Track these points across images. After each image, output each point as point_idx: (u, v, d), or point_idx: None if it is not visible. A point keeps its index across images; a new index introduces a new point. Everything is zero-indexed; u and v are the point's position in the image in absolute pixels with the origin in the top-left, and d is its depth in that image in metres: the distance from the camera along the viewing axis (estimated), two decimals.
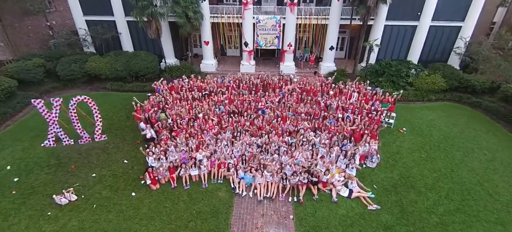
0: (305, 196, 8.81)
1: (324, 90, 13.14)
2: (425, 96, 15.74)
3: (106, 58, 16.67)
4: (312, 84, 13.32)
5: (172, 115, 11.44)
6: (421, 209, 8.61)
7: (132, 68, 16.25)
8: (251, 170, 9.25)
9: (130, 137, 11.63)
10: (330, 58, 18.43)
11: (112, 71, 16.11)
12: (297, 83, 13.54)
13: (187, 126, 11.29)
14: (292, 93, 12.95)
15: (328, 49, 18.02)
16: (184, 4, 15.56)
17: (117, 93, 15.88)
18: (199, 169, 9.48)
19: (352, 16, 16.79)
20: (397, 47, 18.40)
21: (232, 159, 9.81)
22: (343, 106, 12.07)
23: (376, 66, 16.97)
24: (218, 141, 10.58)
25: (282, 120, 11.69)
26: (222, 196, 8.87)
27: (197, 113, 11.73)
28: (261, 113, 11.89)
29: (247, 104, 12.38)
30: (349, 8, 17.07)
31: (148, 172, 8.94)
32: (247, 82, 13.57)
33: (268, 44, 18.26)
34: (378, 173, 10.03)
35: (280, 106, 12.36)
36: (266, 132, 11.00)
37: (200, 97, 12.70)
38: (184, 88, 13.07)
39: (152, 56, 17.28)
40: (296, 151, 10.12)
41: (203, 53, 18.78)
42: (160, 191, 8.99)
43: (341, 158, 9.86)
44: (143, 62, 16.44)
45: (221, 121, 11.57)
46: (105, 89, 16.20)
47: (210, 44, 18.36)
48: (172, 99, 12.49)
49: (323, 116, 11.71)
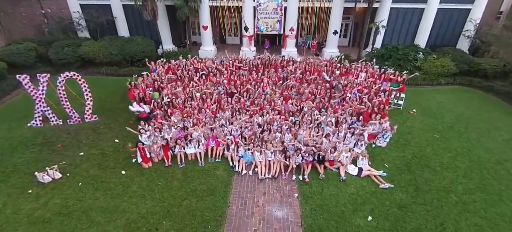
0: (310, 175, 8.06)
1: (329, 69, 12.39)
2: (434, 79, 15.02)
3: (100, 42, 15.99)
4: (316, 64, 12.58)
5: (167, 94, 10.72)
6: (438, 187, 7.84)
7: (127, 52, 15.55)
8: (249, 147, 8.50)
9: (123, 118, 10.91)
10: (334, 43, 17.70)
11: (106, 55, 15.43)
12: (300, 63, 12.79)
13: (183, 106, 10.57)
14: (295, 72, 12.20)
15: (331, 33, 17.29)
16: None
17: (112, 78, 15.18)
18: (195, 147, 8.76)
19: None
20: (403, 31, 17.66)
21: (231, 136, 9.06)
22: (351, 85, 11.31)
23: (382, 50, 16.22)
24: (216, 120, 9.83)
25: (285, 100, 10.95)
26: (220, 174, 8.13)
27: (194, 92, 11.02)
28: (263, 94, 11.14)
29: (247, 85, 11.64)
30: None
31: (139, 149, 8.20)
32: (247, 63, 12.85)
33: (269, 28, 17.55)
34: (389, 152, 9.27)
35: (283, 86, 11.62)
36: (267, 112, 10.28)
37: (198, 77, 11.97)
38: (181, 68, 12.34)
39: (149, 41, 16.60)
40: (300, 129, 9.37)
41: (202, 39, 18.08)
42: (153, 169, 8.24)
43: (349, 136, 9.11)
44: (139, 46, 15.74)
45: (221, 101, 10.84)
46: (99, 74, 15.51)
47: (209, 29, 17.66)
48: (168, 80, 11.77)
49: (328, 96, 10.96)
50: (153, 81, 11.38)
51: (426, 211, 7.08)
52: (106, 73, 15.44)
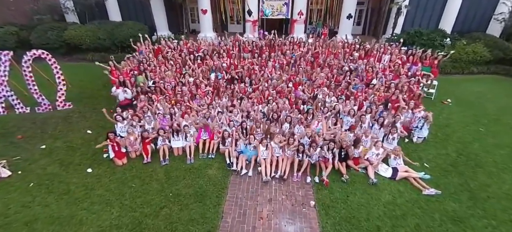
0: (330, 176, 6.16)
1: (346, 52, 10.45)
2: (465, 68, 12.97)
3: (88, 26, 14.32)
4: (331, 46, 10.66)
5: (154, 78, 8.95)
6: (498, 194, 5.86)
7: (116, 37, 13.84)
8: (249, 141, 6.62)
9: (102, 106, 8.97)
10: (348, 29, 15.73)
11: (93, 40, 13.74)
12: (312, 44, 10.88)
13: (173, 92, 8.78)
14: (305, 56, 10.31)
15: (345, 18, 15.34)
16: None
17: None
18: (184, 140, 6.94)
19: None
20: (426, 15, 15.58)
21: (229, 128, 7.20)
22: (373, 69, 9.36)
23: (403, 35, 14.22)
24: (210, 108, 7.99)
25: (294, 86, 9.07)
26: (212, 174, 6.27)
27: (187, 76, 9.24)
28: (269, 79, 9.28)
29: (250, 69, 9.79)
30: None
31: (111, 141, 6.40)
32: (250, 44, 10.98)
33: (275, 12, 15.70)
34: (427, 148, 7.31)
35: (292, 71, 9.73)
36: (273, 99, 8.43)
37: (192, 60, 10.16)
38: (171, 50, 10.54)
39: (141, 25, 14.86)
40: (314, 120, 7.49)
41: (201, 25, 16.28)
42: (128, 167, 6.43)
43: (376, 128, 7.19)
44: (130, 30, 14.00)
45: (219, 88, 9.01)
46: (85, 61, 13.83)
47: (209, 13, 15.85)
48: (157, 62, 9.99)
49: (347, 82, 9.03)
50: (139, 63, 9.61)
51: (491, 227, 5.12)
52: (93, 60, 13.69)
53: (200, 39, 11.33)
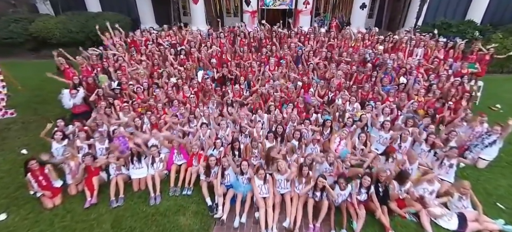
0: (365, 227, 3.99)
1: (367, 45, 8.26)
2: (504, 65, 10.75)
3: (59, 17, 12.14)
4: (348, 37, 8.44)
5: (121, 77, 6.78)
6: None
7: (91, 29, 11.64)
8: (242, 167, 4.44)
9: (54, 114, 6.96)
10: (360, 21, 13.55)
11: (64, 33, 11.56)
12: (325, 36, 8.64)
13: (146, 95, 6.62)
14: (318, 51, 8.10)
15: (357, 8, 13.14)
16: None
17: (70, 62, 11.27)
18: (149, 167, 4.79)
19: None
20: (452, 4, 13.34)
21: (214, 150, 5.03)
22: (403, 66, 7.17)
23: (427, 27, 12.00)
24: (192, 119, 5.81)
25: (303, 88, 6.89)
26: (186, 224, 4.10)
27: (166, 75, 7.10)
28: (270, 79, 7.11)
29: (247, 67, 7.62)
30: None
31: (32, 172, 4.24)
32: (247, 37, 8.78)
33: (277, 2, 13.48)
34: (493, 178, 5.13)
35: (299, 69, 7.55)
36: (276, 106, 6.28)
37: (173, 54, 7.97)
38: (150, 43, 8.36)
39: (120, 16, 12.65)
40: (334, 136, 5.32)
41: (192, 17, 14.10)
42: (61, 209, 4.28)
43: (424, 150, 5.01)
44: (106, 21, 11.77)
45: (206, 90, 6.86)
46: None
47: (201, 4, 13.66)
48: (129, 58, 7.83)
49: (372, 83, 6.84)
50: (102, 58, 7.45)
51: None
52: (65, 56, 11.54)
53: (185, 30, 9.12)
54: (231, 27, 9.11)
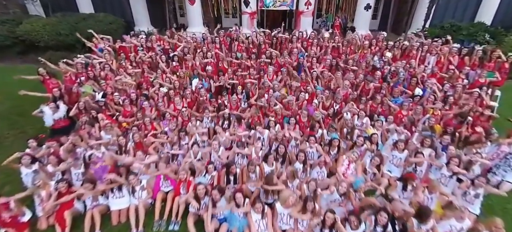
0: None
1: (375, 51, 7.60)
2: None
3: (48, 19, 11.49)
4: (354, 43, 7.78)
5: (106, 87, 6.15)
6: None
7: (82, 32, 10.99)
8: (236, 200, 3.80)
9: (36, 129, 6.32)
10: (364, 23, 12.89)
11: (53, 35, 10.91)
12: (329, 41, 7.96)
13: (134, 107, 5.99)
14: (321, 57, 7.45)
15: (362, 9, 12.48)
16: None
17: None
18: (130, 196, 4.17)
19: None
20: (461, 6, 12.66)
21: (204, 176, 4.40)
22: (415, 76, 6.52)
23: (435, 29, 11.36)
24: (183, 137, 5.18)
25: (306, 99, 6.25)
26: None
27: (157, 84, 6.46)
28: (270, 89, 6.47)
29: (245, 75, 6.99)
30: None
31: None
32: (245, 42, 8.11)
33: (277, 3, 12.82)
34: None
35: (301, 77, 6.90)
36: (277, 120, 5.65)
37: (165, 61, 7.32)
38: (141, 50, 7.71)
39: (113, 18, 11.99)
40: (342, 157, 4.68)
41: (188, 18, 13.45)
42: None
43: (445, 175, 4.38)
44: (99, 24, 11.17)
45: (200, 102, 6.23)
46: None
47: (198, 4, 13.01)
48: (117, 66, 7.19)
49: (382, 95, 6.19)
50: (87, 67, 6.81)
51: None
52: (52, 62, 10.86)
53: (178, 35, 8.41)
54: (227, 31, 8.44)
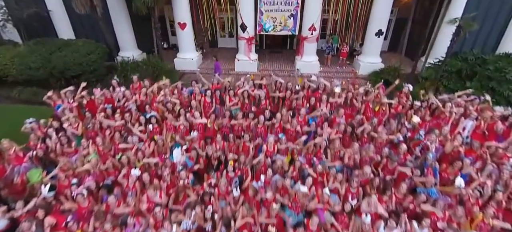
0: None
1: (398, 111, 6.17)
2: None
3: (17, 49, 10.02)
4: (371, 99, 6.32)
5: (61, 170, 4.77)
6: None
7: (54, 65, 9.56)
8: None
9: None
10: (375, 49, 11.45)
11: (22, 69, 9.46)
12: (342, 93, 6.49)
13: (93, 203, 4.60)
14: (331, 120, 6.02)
15: (373, 35, 11.03)
16: None
17: (30, 107, 9.18)
18: None
19: None
20: (482, 34, 11.14)
21: None
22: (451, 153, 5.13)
23: (456, 61, 9.94)
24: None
25: (315, 185, 4.86)
26: None
27: (125, 162, 5.07)
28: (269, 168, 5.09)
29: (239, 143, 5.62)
30: None
31: None
32: (241, 95, 6.64)
33: (278, 27, 11.36)
34: None
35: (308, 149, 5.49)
36: (274, 223, 4.30)
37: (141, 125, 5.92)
38: (108, 107, 6.24)
39: (95, 45, 10.50)
40: None
41: (179, 42, 11.99)
42: None
43: None
44: (74, 55, 9.71)
45: (181, 187, 4.84)
46: (9, 100, 9.57)
47: (189, 27, 11.55)
48: (83, 131, 5.77)
49: (408, 182, 4.81)
50: (39, 140, 5.40)
51: None
52: (20, 99, 9.47)
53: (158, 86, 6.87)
54: (217, 83, 6.98)
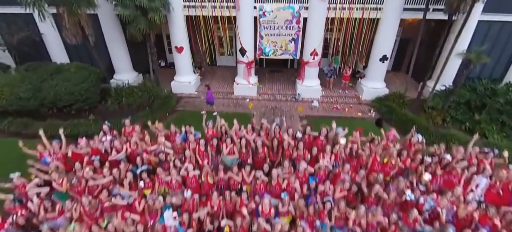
0: None
1: (406, 165, 5.71)
2: None
3: (7, 77, 9.57)
4: (378, 151, 5.85)
5: None
6: None
7: (45, 95, 9.13)
8: None
9: None
10: (379, 74, 10.96)
11: (12, 99, 9.03)
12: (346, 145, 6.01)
13: None
14: (334, 178, 5.57)
15: (377, 60, 10.53)
16: None
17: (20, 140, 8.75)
18: None
19: (428, 6, 9.16)
20: (491, 59, 10.66)
21: None
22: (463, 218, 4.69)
23: (466, 91, 9.46)
24: None
25: None
26: None
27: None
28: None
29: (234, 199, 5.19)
30: None
31: None
32: (238, 144, 6.14)
33: (278, 51, 10.89)
34: None
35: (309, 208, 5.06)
36: None
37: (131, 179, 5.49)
38: (95, 159, 5.79)
39: (89, 70, 9.99)
40: None
41: (176, 66, 11.54)
42: None
43: None
44: (66, 84, 9.25)
45: None
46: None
47: (187, 50, 11.11)
48: (69, 188, 5.35)
49: None
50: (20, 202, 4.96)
51: None
52: (10, 131, 9.04)
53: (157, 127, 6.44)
54: (213, 130, 6.51)
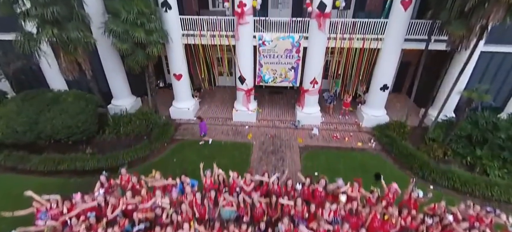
0: None
1: (406, 222, 5.56)
2: None
3: (3, 109, 9.36)
4: (379, 210, 5.68)
5: None
6: None
7: (41, 129, 8.96)
8: None
9: None
10: (380, 101, 10.77)
11: (8, 132, 8.86)
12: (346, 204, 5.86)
13: None
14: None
15: (378, 88, 10.36)
16: (127, 15, 8.16)
17: (16, 176, 8.59)
18: None
19: (430, 37, 8.97)
20: (492, 89, 10.46)
21: None
22: None
23: (467, 125, 9.28)
24: None
25: None
26: None
27: None
28: None
29: None
30: (419, 22, 9.32)
31: None
32: (237, 199, 5.96)
33: (278, 79, 10.72)
34: None
35: None
36: None
37: None
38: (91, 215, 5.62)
39: (86, 100, 9.75)
40: None
41: (174, 92, 11.36)
42: None
43: None
44: (63, 116, 9.07)
45: None
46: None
47: (185, 77, 10.93)
48: None
49: None
50: None
51: None
52: (6, 166, 8.88)
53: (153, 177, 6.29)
54: (211, 180, 6.33)
